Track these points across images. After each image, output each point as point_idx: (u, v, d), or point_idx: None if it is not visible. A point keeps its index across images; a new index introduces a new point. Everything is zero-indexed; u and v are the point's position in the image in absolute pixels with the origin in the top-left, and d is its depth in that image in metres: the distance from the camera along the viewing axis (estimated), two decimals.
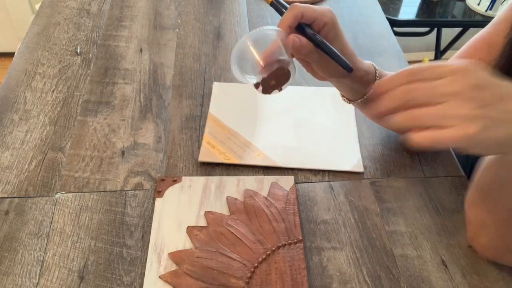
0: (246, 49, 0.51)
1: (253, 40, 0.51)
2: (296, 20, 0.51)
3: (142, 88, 0.79)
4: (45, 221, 0.59)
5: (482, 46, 0.63)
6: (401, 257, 0.58)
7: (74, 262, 0.56)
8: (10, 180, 0.64)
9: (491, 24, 0.63)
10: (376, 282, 0.55)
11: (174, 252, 0.56)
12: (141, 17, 0.94)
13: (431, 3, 1.52)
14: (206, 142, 0.69)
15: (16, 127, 0.71)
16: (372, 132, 0.73)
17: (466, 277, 0.56)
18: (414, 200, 0.64)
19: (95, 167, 0.66)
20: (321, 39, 0.51)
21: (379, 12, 1.00)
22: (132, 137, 0.71)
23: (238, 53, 0.52)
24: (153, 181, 0.65)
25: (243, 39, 0.51)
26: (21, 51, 0.85)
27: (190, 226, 0.59)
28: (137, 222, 0.60)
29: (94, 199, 0.62)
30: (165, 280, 0.53)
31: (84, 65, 0.83)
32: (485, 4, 1.47)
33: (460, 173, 0.68)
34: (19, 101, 0.75)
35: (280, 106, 0.76)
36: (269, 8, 0.99)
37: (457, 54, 0.66)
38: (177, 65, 0.84)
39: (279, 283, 0.53)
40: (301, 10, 0.50)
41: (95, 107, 0.75)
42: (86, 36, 0.89)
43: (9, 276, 0.54)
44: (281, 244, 0.57)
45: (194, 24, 0.94)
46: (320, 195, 0.64)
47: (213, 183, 0.64)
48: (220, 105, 0.76)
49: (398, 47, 0.90)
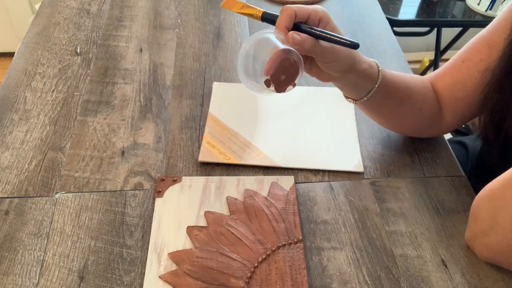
0: (249, 56, 0.51)
1: (253, 45, 0.51)
2: (291, 20, 0.51)
3: (142, 88, 0.79)
4: (45, 221, 0.59)
5: (483, 47, 0.62)
6: (401, 257, 0.58)
7: (74, 262, 0.56)
8: (10, 180, 0.64)
9: (491, 25, 0.63)
10: (376, 282, 0.55)
11: (174, 252, 0.56)
12: (141, 17, 0.94)
13: (431, 3, 1.52)
14: (206, 142, 0.69)
15: (16, 127, 0.71)
16: (372, 132, 0.73)
17: (466, 277, 0.56)
18: (414, 200, 0.64)
19: (95, 167, 0.66)
20: (319, 30, 0.51)
21: (379, 12, 1.00)
22: (132, 137, 0.71)
23: (243, 62, 0.51)
24: (153, 181, 0.65)
25: (243, 47, 0.51)
26: (21, 51, 0.85)
27: (190, 226, 0.59)
28: (137, 222, 0.60)
29: (94, 199, 0.62)
30: (165, 280, 0.53)
31: (84, 65, 0.83)
32: (485, 4, 1.47)
33: (460, 173, 0.68)
34: (19, 101, 0.75)
35: (280, 106, 0.76)
36: (269, 8, 0.99)
37: (458, 54, 0.66)
38: (177, 65, 0.84)
39: (279, 283, 0.54)
40: (293, 9, 0.51)
41: (95, 107, 0.75)
42: (86, 36, 0.89)
43: (9, 276, 0.54)
44: (281, 244, 0.57)
45: (194, 24, 0.94)
46: (320, 195, 0.64)
47: (213, 183, 0.64)
48: (220, 105, 0.76)
49: (398, 47, 0.90)
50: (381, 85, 0.60)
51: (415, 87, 0.65)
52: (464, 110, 0.66)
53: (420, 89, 0.65)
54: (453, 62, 0.66)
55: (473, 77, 0.63)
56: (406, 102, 0.64)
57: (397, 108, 0.65)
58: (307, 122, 0.74)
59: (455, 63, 0.66)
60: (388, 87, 0.61)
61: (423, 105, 0.65)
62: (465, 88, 0.64)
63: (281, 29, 0.50)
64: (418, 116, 0.66)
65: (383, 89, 0.60)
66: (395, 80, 0.62)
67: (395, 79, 0.62)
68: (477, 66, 0.62)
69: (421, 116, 0.66)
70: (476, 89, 0.62)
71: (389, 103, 0.64)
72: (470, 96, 0.64)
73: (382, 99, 0.62)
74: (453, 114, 0.67)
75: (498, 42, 0.60)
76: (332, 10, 0.99)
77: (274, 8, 0.99)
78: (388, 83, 0.61)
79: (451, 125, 0.69)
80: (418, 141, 0.72)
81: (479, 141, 0.67)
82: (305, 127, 0.73)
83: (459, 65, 0.65)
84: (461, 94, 0.64)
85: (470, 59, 0.63)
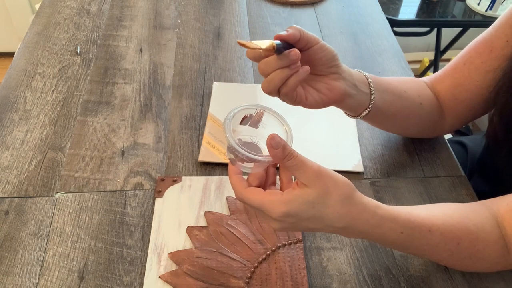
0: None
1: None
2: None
3: (142, 88, 0.79)
4: (45, 221, 0.59)
5: (484, 50, 0.62)
6: (401, 257, 0.58)
7: (74, 262, 0.56)
8: (10, 180, 0.64)
9: (493, 27, 0.62)
10: (376, 282, 0.55)
11: (174, 252, 0.56)
12: (141, 17, 0.94)
13: (431, 3, 1.52)
14: (206, 142, 0.69)
15: (16, 127, 0.71)
16: (372, 132, 0.73)
17: (466, 277, 0.56)
18: (414, 200, 0.64)
19: (95, 167, 0.66)
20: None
21: (379, 12, 1.00)
22: (132, 137, 0.71)
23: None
24: (153, 181, 0.65)
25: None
26: (21, 51, 0.85)
27: (190, 226, 0.59)
28: (137, 222, 0.60)
29: (94, 199, 0.62)
30: (165, 280, 0.53)
31: (84, 65, 0.83)
32: (485, 4, 1.47)
33: (460, 173, 0.68)
34: (19, 101, 0.75)
35: (280, 107, 0.76)
36: (269, 8, 0.99)
37: (459, 57, 0.66)
38: (177, 65, 0.84)
39: (279, 283, 0.53)
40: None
41: (95, 107, 0.75)
42: (86, 36, 0.89)
43: (9, 276, 0.54)
44: (281, 244, 0.57)
45: (194, 24, 0.94)
46: None
47: (213, 183, 0.64)
48: (220, 105, 0.76)
49: (398, 47, 0.90)
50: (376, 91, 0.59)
51: (411, 82, 0.65)
52: (466, 111, 0.66)
53: (413, 86, 0.65)
54: (454, 64, 0.66)
55: (475, 80, 0.63)
56: (404, 96, 0.62)
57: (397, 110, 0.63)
58: (307, 122, 0.74)
59: (456, 65, 0.65)
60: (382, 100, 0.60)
61: (421, 99, 0.64)
62: (466, 90, 0.64)
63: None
64: (420, 112, 0.65)
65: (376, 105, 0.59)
66: (386, 80, 0.62)
67: (386, 80, 0.61)
68: (479, 69, 0.62)
69: (423, 111, 0.65)
70: (478, 91, 0.62)
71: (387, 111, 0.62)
72: (472, 98, 0.64)
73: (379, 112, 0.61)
74: (455, 115, 0.67)
75: (500, 45, 0.60)
76: (332, 10, 0.99)
77: (274, 8, 1.00)
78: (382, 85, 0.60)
79: (452, 125, 0.69)
80: (418, 141, 0.72)
81: (479, 140, 0.66)
82: (305, 127, 0.73)
83: (461, 67, 0.65)
84: (462, 95, 0.64)
85: (472, 62, 0.63)
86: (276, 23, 0.95)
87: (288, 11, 0.99)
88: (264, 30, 0.93)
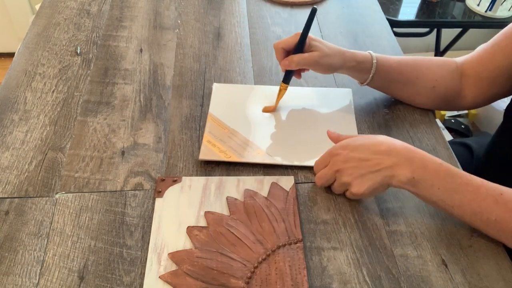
0: None
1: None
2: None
3: (142, 88, 0.79)
4: (45, 221, 0.59)
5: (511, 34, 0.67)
6: (401, 257, 0.58)
7: (74, 262, 0.56)
8: (10, 180, 0.64)
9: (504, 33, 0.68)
10: (376, 282, 0.55)
11: (174, 252, 0.56)
12: (141, 17, 0.94)
13: (431, 4, 1.52)
14: (207, 141, 0.69)
15: (16, 127, 0.71)
16: (372, 132, 0.73)
17: (466, 277, 0.56)
18: (414, 200, 0.64)
19: (95, 167, 0.66)
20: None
21: (379, 12, 1.01)
22: (132, 137, 0.71)
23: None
24: (153, 181, 0.65)
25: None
26: (21, 51, 0.85)
27: (190, 226, 0.59)
28: (137, 222, 0.60)
29: (94, 199, 0.62)
30: (165, 280, 0.53)
31: (84, 65, 0.83)
32: (485, 4, 1.47)
33: None
34: (19, 102, 0.75)
35: (281, 106, 0.76)
36: (269, 9, 0.99)
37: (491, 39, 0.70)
38: (177, 65, 0.84)
39: (279, 283, 0.53)
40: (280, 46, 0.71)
41: (95, 107, 0.75)
42: (86, 36, 0.89)
43: (9, 276, 0.54)
44: (281, 244, 0.57)
45: (194, 24, 0.94)
46: (320, 195, 0.64)
47: (213, 183, 0.64)
48: (220, 105, 0.76)
49: (398, 48, 0.91)
50: (378, 72, 0.70)
51: (426, 69, 0.72)
52: (488, 89, 0.71)
53: (433, 70, 0.72)
54: (484, 45, 0.71)
55: (498, 60, 0.68)
56: (415, 82, 0.72)
57: (404, 88, 0.74)
58: (307, 122, 0.74)
59: (486, 47, 0.71)
60: (388, 73, 0.71)
61: (436, 83, 0.72)
62: (488, 69, 0.69)
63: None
64: (431, 93, 0.73)
65: (382, 75, 0.71)
66: (398, 66, 0.71)
67: (397, 65, 0.71)
68: (503, 50, 0.67)
69: (434, 93, 0.73)
70: (499, 72, 0.68)
71: (393, 85, 0.74)
72: (494, 77, 0.69)
73: (385, 81, 0.73)
74: (476, 92, 0.72)
75: None
76: (332, 10, 0.99)
77: (274, 8, 1.00)
78: (388, 69, 0.71)
79: (473, 102, 0.74)
80: (418, 141, 0.72)
81: (483, 141, 0.68)
82: (305, 126, 0.73)
83: (488, 49, 0.70)
84: (485, 73, 0.70)
85: (498, 44, 0.69)
86: (276, 24, 0.95)
87: (288, 11, 0.99)
88: (264, 31, 0.93)
